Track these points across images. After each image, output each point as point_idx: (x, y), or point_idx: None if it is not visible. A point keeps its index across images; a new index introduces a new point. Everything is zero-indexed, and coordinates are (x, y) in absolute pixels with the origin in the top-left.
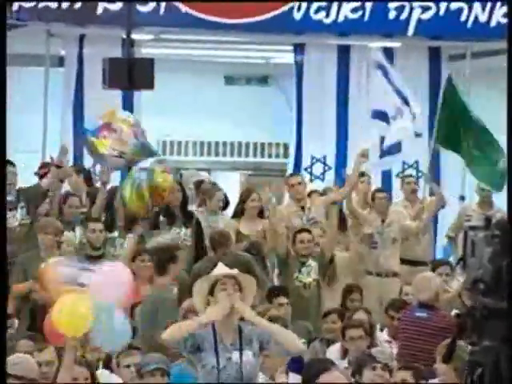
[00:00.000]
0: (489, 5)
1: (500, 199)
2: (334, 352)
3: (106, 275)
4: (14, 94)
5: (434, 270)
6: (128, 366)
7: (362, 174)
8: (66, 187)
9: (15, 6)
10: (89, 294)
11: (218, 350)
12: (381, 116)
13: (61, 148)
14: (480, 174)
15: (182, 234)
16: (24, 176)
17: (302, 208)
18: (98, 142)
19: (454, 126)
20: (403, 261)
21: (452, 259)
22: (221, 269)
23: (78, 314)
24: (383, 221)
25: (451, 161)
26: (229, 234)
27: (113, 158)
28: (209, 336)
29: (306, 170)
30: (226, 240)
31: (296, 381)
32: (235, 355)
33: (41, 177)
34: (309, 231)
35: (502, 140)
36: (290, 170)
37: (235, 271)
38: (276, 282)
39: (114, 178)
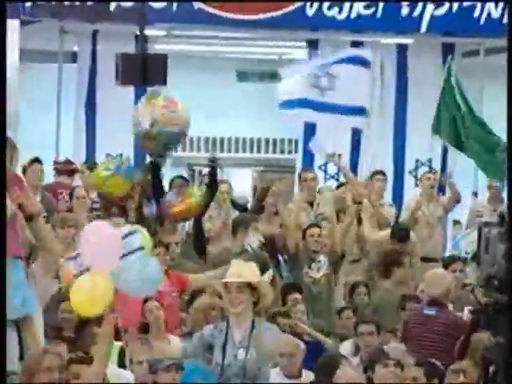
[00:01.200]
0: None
1: None
2: (346, 348)
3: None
4: (27, 90)
5: (446, 266)
6: (140, 363)
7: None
8: (77, 183)
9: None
10: (106, 272)
11: (227, 347)
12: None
13: None
14: (482, 164)
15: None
16: None
17: (311, 204)
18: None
19: (451, 117)
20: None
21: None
22: (232, 268)
23: (95, 293)
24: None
25: (463, 157)
26: (251, 217)
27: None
28: (221, 333)
29: (320, 168)
30: (250, 221)
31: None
32: (241, 353)
33: (58, 172)
34: (319, 226)
35: None
36: (299, 165)
37: (246, 274)
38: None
39: None
